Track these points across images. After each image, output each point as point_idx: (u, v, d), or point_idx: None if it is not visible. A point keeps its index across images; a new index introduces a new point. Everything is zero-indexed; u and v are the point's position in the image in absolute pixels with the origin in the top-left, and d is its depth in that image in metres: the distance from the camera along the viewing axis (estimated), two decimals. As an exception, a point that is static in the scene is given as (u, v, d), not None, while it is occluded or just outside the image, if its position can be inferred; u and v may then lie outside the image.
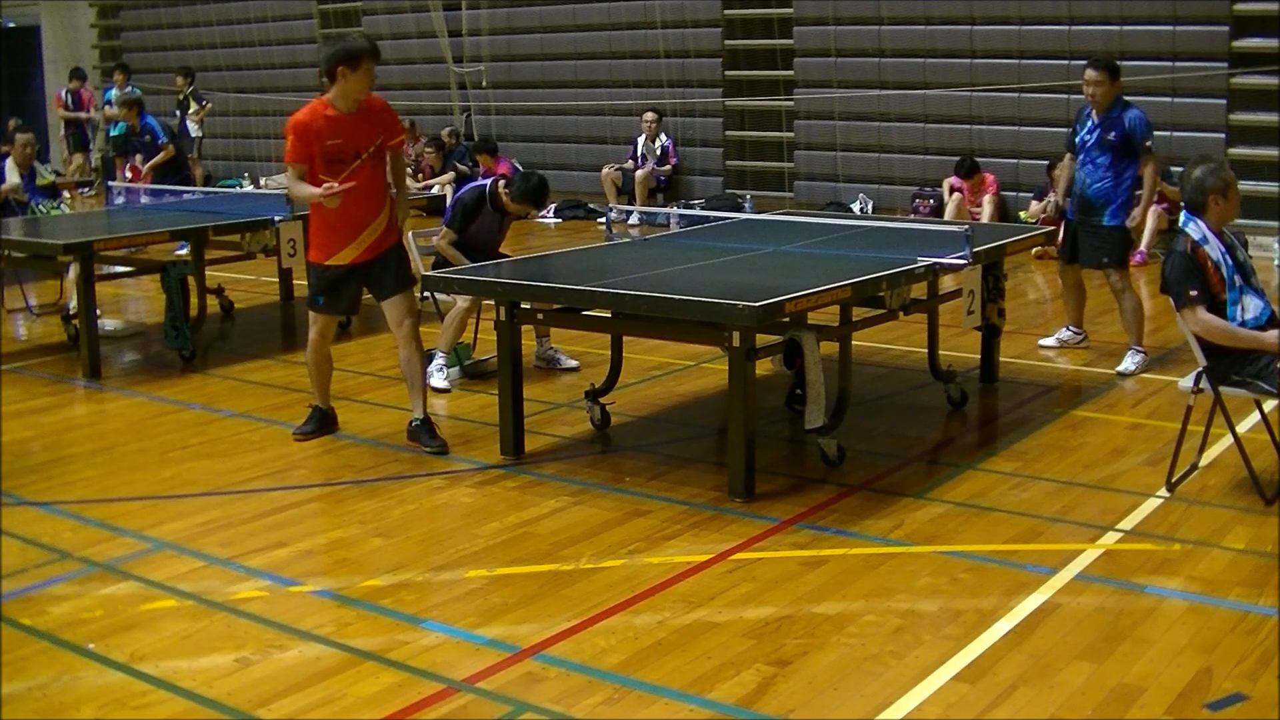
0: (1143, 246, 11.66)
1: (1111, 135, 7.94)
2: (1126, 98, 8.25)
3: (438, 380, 7.66)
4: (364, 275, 6.56)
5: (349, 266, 6.49)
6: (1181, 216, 5.76)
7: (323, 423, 6.83)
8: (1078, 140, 8.15)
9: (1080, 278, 8.39)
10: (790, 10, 14.77)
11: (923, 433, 6.90)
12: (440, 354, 7.74)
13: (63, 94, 19.39)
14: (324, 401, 6.85)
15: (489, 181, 8.10)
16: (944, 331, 7.29)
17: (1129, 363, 7.86)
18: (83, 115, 19.04)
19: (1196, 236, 5.59)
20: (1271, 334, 5.42)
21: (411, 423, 6.51)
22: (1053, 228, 9.47)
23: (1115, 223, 7.99)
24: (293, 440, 6.75)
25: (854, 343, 6.42)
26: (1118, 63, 8.15)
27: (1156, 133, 11.84)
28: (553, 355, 8.08)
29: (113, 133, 18.23)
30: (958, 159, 13.18)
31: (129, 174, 13.31)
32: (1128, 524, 5.41)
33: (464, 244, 7.89)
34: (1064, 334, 8.54)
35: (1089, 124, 8.09)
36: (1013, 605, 4.59)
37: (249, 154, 19.27)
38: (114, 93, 18.12)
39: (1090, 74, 8.00)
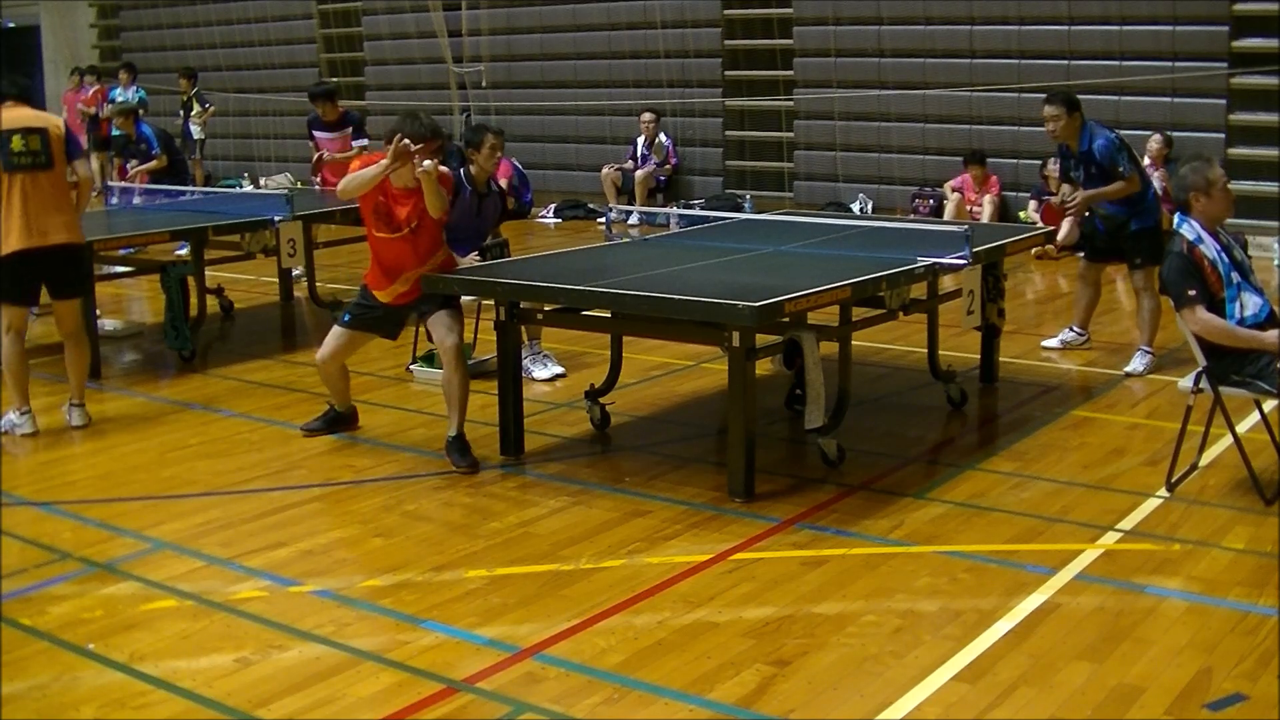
0: None
1: (1094, 170, 7.95)
2: (1126, 97, 8.25)
3: (541, 372, 7.86)
4: (404, 309, 6.63)
5: (385, 305, 6.54)
6: (1175, 218, 5.77)
7: (334, 422, 6.83)
8: (1073, 176, 8.17)
9: (1099, 279, 8.42)
10: (790, 10, 14.77)
11: (923, 433, 6.90)
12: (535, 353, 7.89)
13: (87, 93, 19.30)
14: (340, 404, 6.85)
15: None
16: (944, 331, 7.28)
17: (1137, 363, 7.83)
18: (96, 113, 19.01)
19: (1191, 237, 5.60)
20: (1271, 334, 5.42)
21: (447, 438, 6.39)
22: (1053, 227, 9.46)
23: (1140, 225, 8.00)
24: (296, 438, 6.75)
25: (854, 343, 6.42)
26: (1076, 96, 8.10)
27: (1156, 133, 11.90)
28: (539, 360, 8.04)
29: (115, 133, 18.23)
30: (965, 155, 13.17)
31: (132, 176, 13.32)
32: (1128, 524, 5.41)
33: (450, 232, 7.93)
34: (1067, 335, 8.52)
35: (1070, 161, 8.13)
36: (1013, 605, 4.59)
37: (249, 154, 19.26)
38: (118, 92, 18.11)
39: (1046, 109, 7.99)
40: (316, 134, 11.64)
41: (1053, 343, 8.52)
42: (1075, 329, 8.51)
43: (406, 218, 6.33)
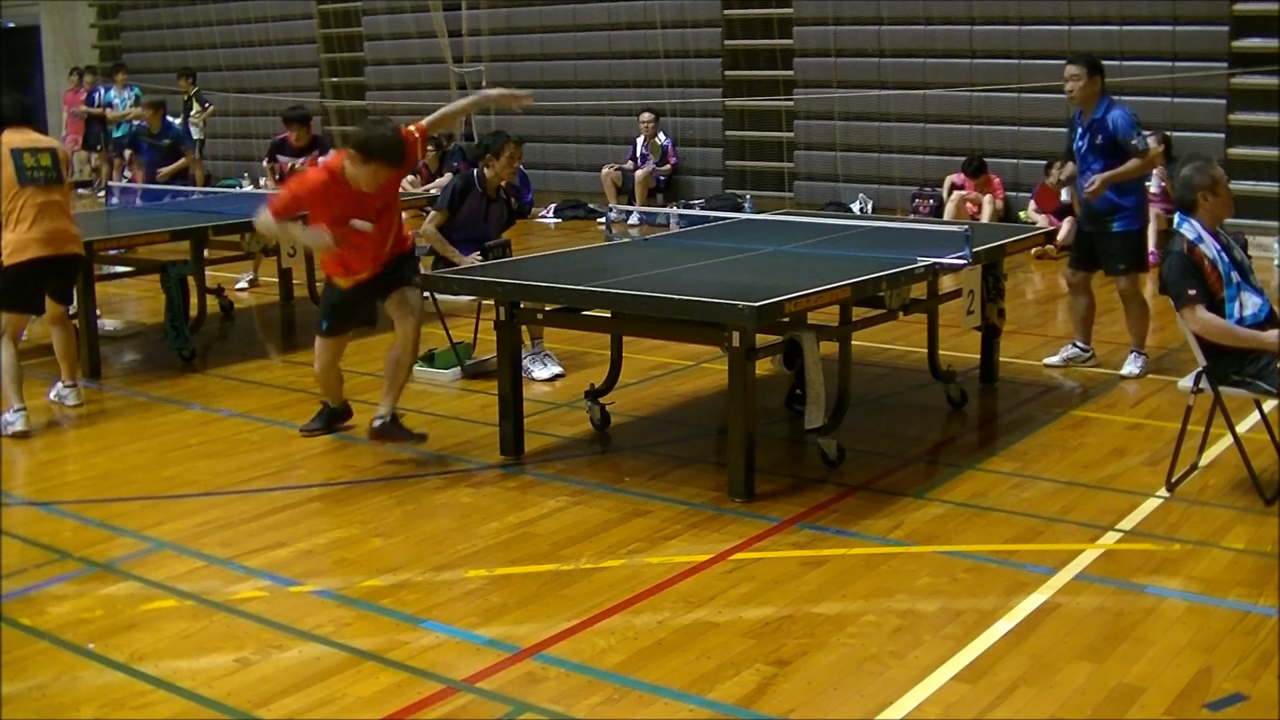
0: (1152, 246, 11.59)
1: (1100, 139, 7.61)
2: (1126, 97, 8.11)
3: (540, 372, 7.84)
4: (374, 287, 6.37)
5: (350, 290, 6.32)
6: (1175, 218, 5.77)
7: (331, 420, 6.81)
8: (1075, 147, 7.88)
9: (1089, 286, 8.04)
10: (790, 10, 14.77)
11: (922, 433, 6.90)
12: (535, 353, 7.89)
13: (88, 93, 19.32)
14: (335, 401, 6.83)
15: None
16: (944, 331, 7.28)
17: (1132, 366, 7.75)
18: (97, 112, 19.02)
19: (1191, 236, 5.60)
20: (1271, 334, 5.42)
21: (382, 419, 6.32)
22: (1053, 228, 9.43)
23: (1125, 228, 7.69)
24: (296, 438, 6.75)
25: (854, 343, 6.42)
26: (1100, 60, 7.82)
27: (1152, 134, 11.87)
28: (539, 359, 8.02)
29: (116, 134, 18.25)
30: (965, 158, 13.15)
31: (128, 173, 13.28)
32: (1127, 524, 5.41)
33: (453, 231, 7.95)
34: (1070, 350, 8.06)
35: (1079, 130, 7.79)
36: (1013, 605, 4.59)
37: (249, 154, 19.23)
38: (113, 93, 18.12)
39: (1069, 69, 7.68)
40: (280, 158, 11.28)
41: (1054, 360, 8.07)
42: (1078, 345, 8.05)
43: (376, 203, 6.12)
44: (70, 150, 19.93)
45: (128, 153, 15.51)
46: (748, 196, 14.86)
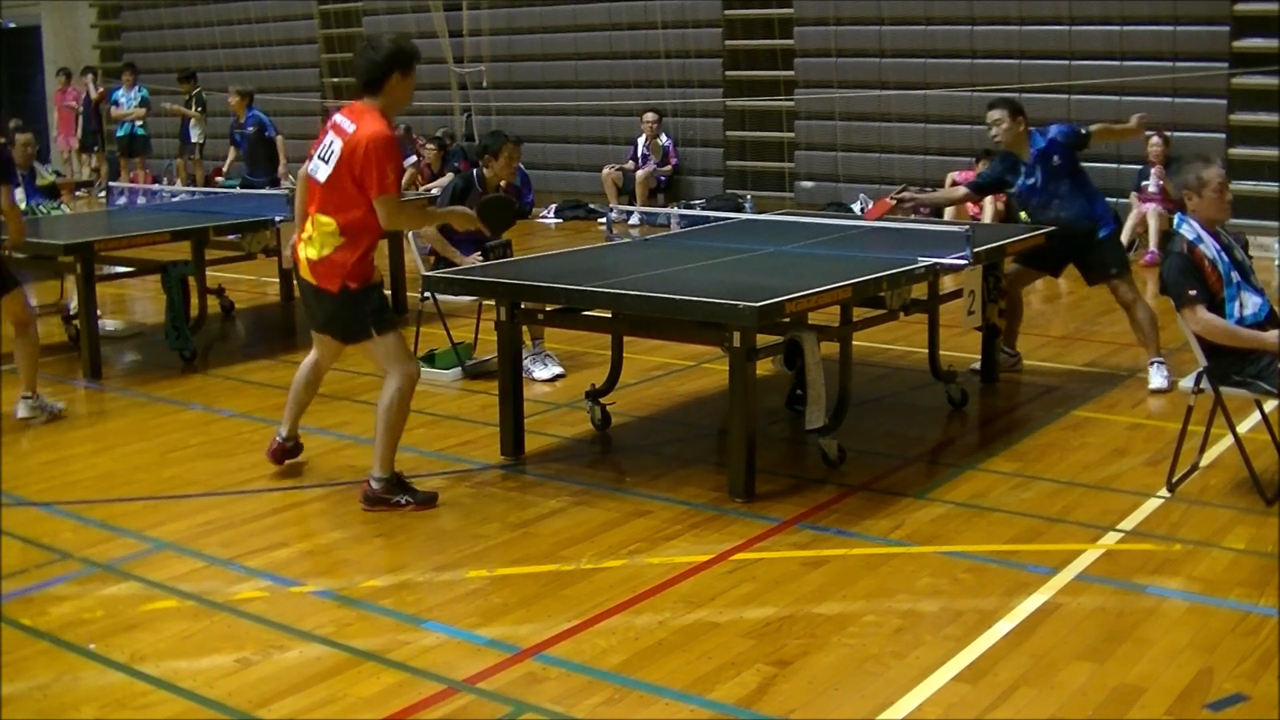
0: (1152, 246, 11.61)
1: (1056, 160, 7.51)
2: (1126, 97, 8.08)
3: (541, 372, 7.79)
4: None
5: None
6: (1175, 218, 5.78)
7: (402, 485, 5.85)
8: (1022, 188, 7.67)
9: (1022, 294, 7.97)
10: (791, 10, 14.78)
11: (923, 433, 6.90)
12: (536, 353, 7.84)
13: (83, 92, 19.37)
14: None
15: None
16: (944, 332, 7.28)
17: (1158, 378, 7.39)
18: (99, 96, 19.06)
19: (1191, 236, 5.61)
20: (1272, 334, 5.42)
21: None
22: (1054, 228, 9.35)
23: (1109, 231, 7.64)
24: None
25: (854, 343, 6.42)
26: (1019, 102, 7.80)
27: (1155, 134, 11.90)
28: (539, 359, 8.00)
29: (120, 133, 18.27)
30: (978, 154, 13.08)
31: (133, 173, 13.34)
32: (1128, 524, 5.41)
33: (453, 231, 7.96)
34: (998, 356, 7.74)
35: (1024, 170, 7.61)
36: (1013, 605, 4.59)
37: (249, 154, 19.25)
38: (120, 92, 18.16)
39: (991, 114, 7.64)
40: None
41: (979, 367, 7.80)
42: (1004, 349, 7.79)
43: None
44: (65, 150, 20.01)
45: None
46: (748, 197, 14.86)
